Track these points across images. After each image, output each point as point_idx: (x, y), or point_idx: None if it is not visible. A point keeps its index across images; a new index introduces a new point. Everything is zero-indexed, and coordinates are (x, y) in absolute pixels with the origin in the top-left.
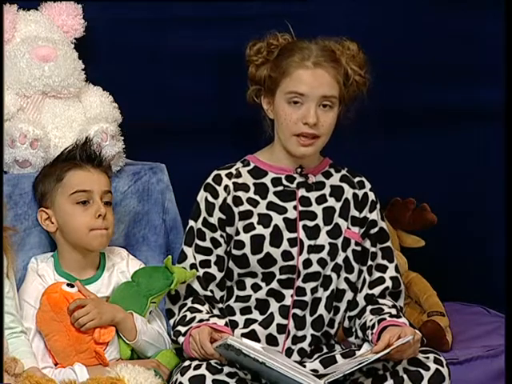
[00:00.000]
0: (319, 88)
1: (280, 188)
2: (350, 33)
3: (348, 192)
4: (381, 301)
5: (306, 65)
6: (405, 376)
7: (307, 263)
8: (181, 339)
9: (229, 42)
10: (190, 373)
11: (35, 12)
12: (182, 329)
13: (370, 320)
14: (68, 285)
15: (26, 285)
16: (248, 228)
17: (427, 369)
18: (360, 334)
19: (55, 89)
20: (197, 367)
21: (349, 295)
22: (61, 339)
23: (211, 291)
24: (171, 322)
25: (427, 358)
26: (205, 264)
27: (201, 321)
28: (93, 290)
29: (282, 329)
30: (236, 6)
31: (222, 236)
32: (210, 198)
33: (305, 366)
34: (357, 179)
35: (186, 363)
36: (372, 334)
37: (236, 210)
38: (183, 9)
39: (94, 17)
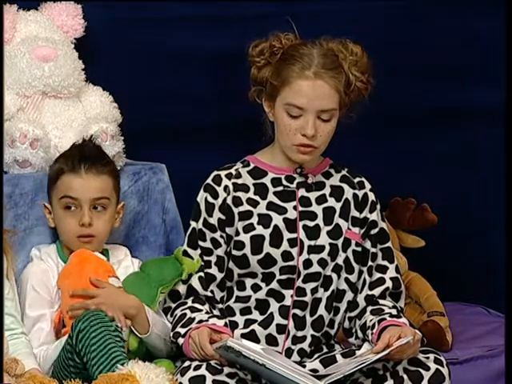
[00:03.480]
0: (318, 101)
1: (280, 188)
2: (350, 33)
3: (348, 192)
4: (381, 301)
5: (306, 75)
6: (405, 376)
7: (307, 263)
8: (180, 340)
9: (229, 42)
10: (190, 373)
11: (35, 12)
12: (182, 330)
13: (370, 320)
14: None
15: (28, 270)
16: (248, 228)
17: (427, 369)
18: (360, 334)
19: (55, 89)
20: (197, 368)
21: (349, 296)
22: (75, 300)
23: (211, 291)
24: (169, 319)
25: (427, 358)
26: (205, 264)
27: (200, 321)
28: None
29: (281, 329)
30: (236, 5)
31: (221, 236)
32: (210, 199)
33: (305, 366)
34: (357, 180)
35: (186, 364)
36: (372, 334)
37: (236, 210)
38: (183, 9)
39: (93, 17)
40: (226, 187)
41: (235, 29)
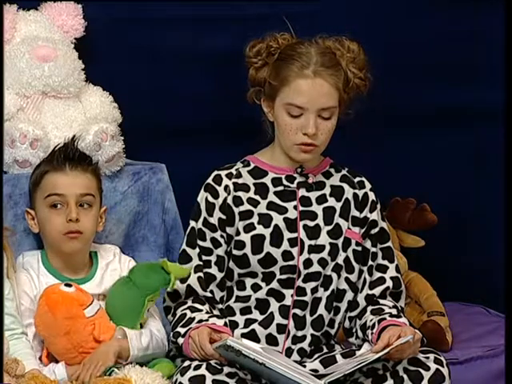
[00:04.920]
0: (318, 100)
1: (280, 188)
2: (350, 33)
3: (348, 192)
4: (381, 301)
5: (306, 74)
6: (405, 376)
7: (308, 263)
8: (180, 340)
9: (229, 42)
10: (190, 373)
11: (35, 12)
12: (182, 330)
13: (370, 320)
14: (66, 285)
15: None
16: (248, 228)
17: (427, 369)
18: (360, 334)
19: (55, 89)
20: (197, 367)
21: (349, 295)
22: (61, 342)
23: (211, 292)
24: (169, 318)
25: (427, 357)
26: (205, 264)
27: (200, 321)
28: (85, 289)
29: (281, 329)
30: (236, 5)
31: (222, 236)
32: (210, 198)
33: (305, 366)
34: (357, 179)
35: (186, 363)
36: (372, 333)
37: (236, 210)
38: (183, 9)
39: (94, 17)
40: (226, 187)
41: (235, 29)
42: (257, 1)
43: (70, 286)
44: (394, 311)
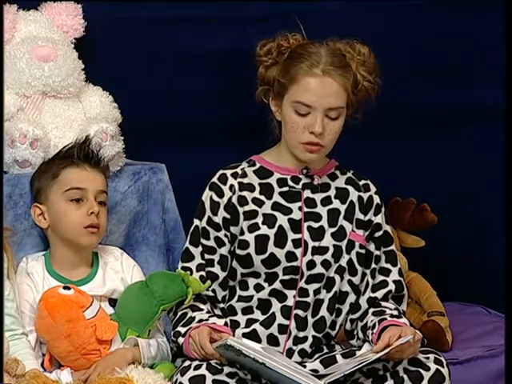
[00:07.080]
0: (326, 99)
1: (285, 189)
2: (350, 33)
3: (353, 195)
4: (383, 303)
5: (315, 72)
6: (405, 376)
7: (311, 264)
8: (180, 340)
9: (229, 42)
10: (190, 373)
11: (35, 12)
12: (182, 329)
13: (371, 320)
14: (64, 287)
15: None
16: (253, 228)
17: (427, 369)
18: (361, 335)
19: (55, 89)
20: (197, 367)
21: (352, 298)
22: (63, 345)
23: (213, 291)
24: (170, 317)
25: (427, 358)
26: (208, 263)
27: (200, 321)
28: (87, 290)
29: (283, 329)
30: (236, 5)
31: (226, 235)
32: (215, 197)
33: (305, 367)
34: (362, 182)
35: (186, 363)
36: (372, 333)
37: (241, 209)
38: (183, 9)
39: (94, 17)
40: (231, 186)
41: (235, 29)
42: (257, 1)
43: (68, 288)
44: (396, 313)
